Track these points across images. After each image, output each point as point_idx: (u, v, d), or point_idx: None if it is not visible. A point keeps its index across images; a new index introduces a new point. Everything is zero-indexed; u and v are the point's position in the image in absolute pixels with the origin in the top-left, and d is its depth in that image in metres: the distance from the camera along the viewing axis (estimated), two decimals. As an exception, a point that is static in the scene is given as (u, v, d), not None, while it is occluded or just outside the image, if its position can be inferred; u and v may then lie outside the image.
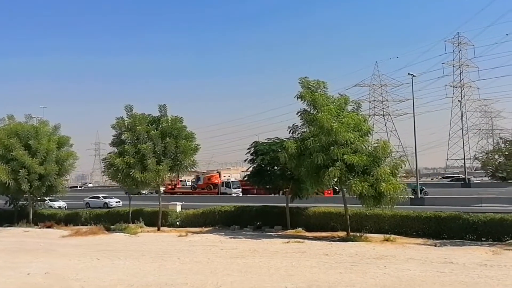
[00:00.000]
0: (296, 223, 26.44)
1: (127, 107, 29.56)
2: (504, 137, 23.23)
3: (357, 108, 24.50)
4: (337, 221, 25.05)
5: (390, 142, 25.36)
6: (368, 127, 24.09)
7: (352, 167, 21.89)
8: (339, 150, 21.71)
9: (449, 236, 22.18)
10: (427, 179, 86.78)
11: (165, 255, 19.38)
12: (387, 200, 21.67)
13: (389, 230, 23.55)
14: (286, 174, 25.77)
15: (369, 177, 21.68)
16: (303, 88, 23.60)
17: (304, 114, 23.56)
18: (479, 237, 21.56)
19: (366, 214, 24.30)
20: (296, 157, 23.14)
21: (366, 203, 21.98)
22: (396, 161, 23.40)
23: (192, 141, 28.85)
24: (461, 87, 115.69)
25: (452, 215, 22.91)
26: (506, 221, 21.39)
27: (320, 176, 22.32)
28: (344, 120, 22.42)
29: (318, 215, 26.26)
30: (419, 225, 23.37)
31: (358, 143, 22.31)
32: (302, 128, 24.43)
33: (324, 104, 22.80)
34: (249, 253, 19.23)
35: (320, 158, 21.77)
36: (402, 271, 14.99)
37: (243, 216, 28.45)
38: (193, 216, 30.44)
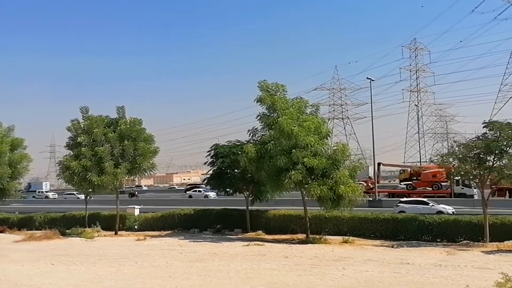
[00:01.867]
0: (257, 226, 26.41)
1: (83, 109, 28.78)
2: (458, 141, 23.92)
3: (315, 111, 24.68)
4: (297, 224, 25.16)
5: (349, 145, 25.69)
6: (327, 130, 24.35)
7: (312, 170, 22.02)
8: (300, 153, 21.78)
9: (406, 237, 22.67)
10: (384, 182, 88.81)
11: (122, 260, 18.93)
12: (346, 202, 21.94)
13: (348, 232, 23.86)
14: (247, 177, 25.71)
15: (328, 180, 21.86)
16: (262, 92, 23.61)
17: (264, 118, 23.57)
18: (434, 238, 22.16)
19: (325, 216, 24.51)
20: (256, 161, 23.12)
21: (324, 205, 22.20)
22: (354, 164, 23.70)
23: (151, 143, 28.35)
24: (418, 92, 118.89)
25: (408, 217, 23.48)
26: (460, 223, 22.10)
27: (280, 179, 22.33)
28: (304, 124, 22.54)
29: (278, 217, 26.32)
30: (377, 227, 23.80)
31: (317, 146, 22.47)
32: (262, 131, 24.43)
33: (283, 107, 22.86)
34: (208, 257, 19.02)
35: (281, 161, 21.79)
36: (360, 272, 15.17)
37: (203, 219, 28.16)
38: (152, 220, 29.91)
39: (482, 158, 21.59)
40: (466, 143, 22.95)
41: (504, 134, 21.04)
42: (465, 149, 22.21)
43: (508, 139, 20.92)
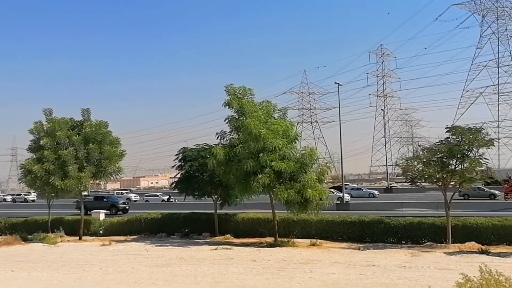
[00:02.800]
0: (225, 229, 26.29)
1: (46, 111, 28.03)
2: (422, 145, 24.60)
3: (283, 115, 24.81)
4: (266, 227, 25.20)
5: (317, 149, 25.91)
6: (295, 134, 24.49)
7: (280, 174, 22.10)
8: (268, 156, 21.83)
9: (372, 239, 23.02)
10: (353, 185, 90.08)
11: (86, 266, 18.50)
12: (313, 206, 22.09)
13: (315, 235, 24.03)
14: (215, 180, 25.56)
15: (296, 184, 21.98)
16: (230, 96, 23.57)
17: (232, 121, 23.54)
18: (399, 240, 22.55)
19: (293, 219, 24.62)
20: (225, 164, 23.04)
21: (292, 209, 22.30)
22: (322, 168, 23.92)
23: (118, 147, 27.84)
24: (384, 97, 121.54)
25: (374, 220, 23.83)
26: (424, 225, 22.56)
27: (248, 183, 22.32)
28: (273, 127, 22.61)
29: (246, 221, 26.28)
30: (344, 230, 24.06)
31: (286, 149, 22.55)
32: (231, 134, 24.38)
33: (251, 110, 22.89)
34: (175, 261, 18.81)
35: (249, 164, 21.78)
36: (327, 275, 15.30)
37: (170, 224, 27.83)
38: (118, 224, 29.39)
39: (445, 162, 22.14)
40: (430, 147, 23.54)
41: (465, 139, 21.64)
42: (429, 153, 22.75)
43: (469, 143, 21.53)
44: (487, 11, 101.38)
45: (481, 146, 21.75)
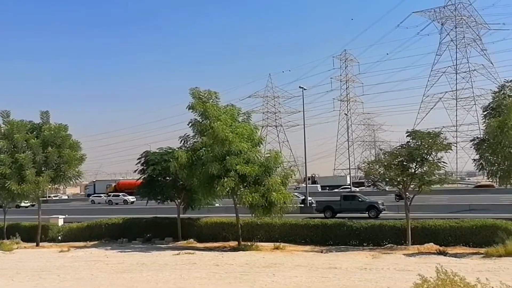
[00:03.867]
0: (188, 234, 26.01)
1: (3, 113, 27.13)
2: (384, 149, 25.05)
3: (247, 118, 24.80)
4: (229, 231, 25.09)
5: (282, 153, 26.02)
6: (260, 137, 24.53)
7: (244, 177, 22.04)
8: (233, 160, 21.75)
9: (335, 242, 23.26)
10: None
11: (43, 273, 17.92)
12: (277, 209, 22.15)
13: (279, 238, 24.10)
14: (178, 184, 25.33)
15: (260, 187, 21.98)
16: (194, 99, 23.40)
17: (196, 124, 23.36)
18: (361, 242, 22.89)
19: (257, 223, 24.62)
20: (188, 167, 22.82)
21: (256, 212, 22.30)
22: (286, 171, 24.02)
23: (78, 150, 27.13)
24: (347, 101, 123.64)
25: (337, 223, 24.11)
26: (385, 227, 23.00)
27: (212, 187, 22.18)
28: (237, 131, 22.57)
29: (210, 225, 26.10)
30: (307, 233, 24.23)
31: (250, 153, 22.54)
32: (194, 138, 24.20)
33: (216, 114, 22.78)
34: (136, 267, 18.45)
35: (214, 168, 21.64)
36: (289, 278, 15.33)
37: (132, 228, 27.34)
38: (77, 230, 28.68)
39: (405, 165, 22.64)
40: (391, 151, 24.02)
41: (425, 143, 22.20)
42: (390, 157, 23.22)
43: (429, 147, 22.10)
44: (446, 19, 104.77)
45: (440, 150, 22.38)
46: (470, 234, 21.24)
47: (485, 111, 21.71)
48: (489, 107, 21.26)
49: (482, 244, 19.94)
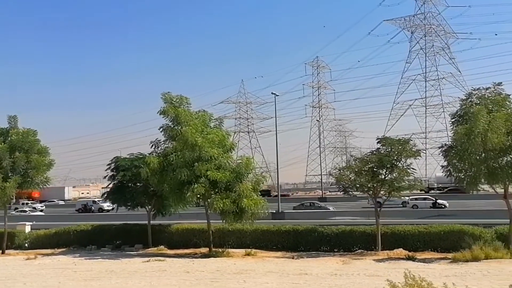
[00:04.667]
0: (159, 240, 25.67)
1: (-32, 117, 26.30)
2: (355, 155, 25.36)
3: (219, 124, 24.72)
4: (200, 238, 24.88)
5: (254, 159, 26.04)
6: (231, 143, 24.47)
7: (215, 183, 21.92)
8: (203, 166, 21.60)
9: (306, 248, 23.34)
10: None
11: (8, 281, 17.43)
12: (248, 215, 22.08)
13: (250, 244, 24.02)
14: (149, 190, 25.00)
15: (231, 193, 21.88)
16: (166, 104, 23.19)
17: (167, 130, 23.14)
18: (332, 248, 23.03)
19: (228, 229, 24.49)
20: (159, 173, 22.57)
21: (227, 219, 22.18)
22: (257, 177, 23.99)
23: (46, 156, 26.49)
24: (319, 108, 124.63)
25: (308, 228, 24.18)
26: (355, 233, 23.18)
27: (183, 193, 21.99)
28: (208, 136, 22.46)
29: (181, 232, 25.82)
30: (278, 239, 24.23)
31: (221, 159, 22.46)
32: (165, 143, 23.95)
33: (187, 119, 22.63)
34: (105, 274, 18.10)
35: (183, 174, 21.45)
36: (260, 284, 15.27)
37: (101, 235, 26.80)
38: (45, 237, 27.95)
39: (375, 171, 22.94)
40: (362, 157, 24.30)
41: (394, 149, 22.56)
42: (361, 163, 23.48)
43: (398, 154, 22.46)
44: (415, 27, 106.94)
45: (409, 157, 22.76)
46: (438, 239, 21.61)
47: (453, 118, 22.14)
48: (457, 114, 21.69)
49: (450, 249, 20.30)
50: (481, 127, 18.87)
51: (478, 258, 18.09)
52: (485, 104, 20.22)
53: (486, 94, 21.06)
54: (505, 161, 19.83)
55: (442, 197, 54.61)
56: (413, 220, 30.80)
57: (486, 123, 18.96)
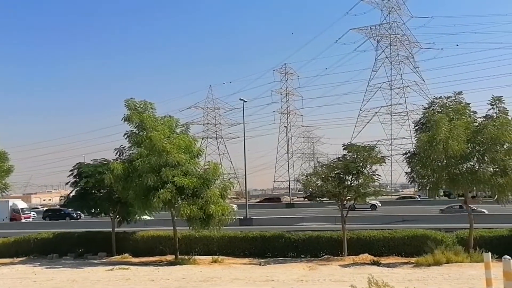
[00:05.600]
0: (123, 248, 25.17)
1: None
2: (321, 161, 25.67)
3: (186, 129, 24.51)
4: (166, 245, 24.50)
5: (222, 164, 25.94)
6: (198, 149, 24.29)
7: (182, 189, 21.69)
8: (170, 171, 21.34)
9: (273, 254, 23.34)
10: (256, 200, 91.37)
11: (-39, 294, 16.68)
12: (216, 222, 21.92)
13: (217, 251, 23.85)
14: (113, 197, 24.48)
15: (198, 200, 21.69)
16: (130, 110, 22.83)
17: (132, 136, 22.78)
18: (299, 254, 23.11)
19: (195, 236, 24.22)
20: (123, 179, 22.15)
21: (194, 225, 21.96)
22: (225, 183, 23.87)
23: (5, 161, 25.70)
24: (287, 114, 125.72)
25: (276, 234, 24.19)
26: (322, 238, 23.34)
27: (149, 199, 21.63)
28: (175, 142, 22.23)
29: (146, 239, 25.40)
30: (246, 245, 24.14)
31: (189, 165, 22.27)
32: (130, 150, 23.55)
33: (153, 125, 22.33)
34: (66, 284, 17.56)
35: (150, 179, 21.13)
36: (226, 292, 15.11)
37: (63, 243, 26.07)
38: (3, 246, 26.99)
39: (341, 177, 23.19)
40: (328, 163, 24.53)
41: (360, 156, 22.86)
42: (327, 169, 23.72)
43: (364, 160, 22.76)
44: (381, 36, 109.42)
45: (374, 163, 23.12)
46: (402, 244, 21.96)
47: (416, 126, 22.65)
48: (420, 122, 22.20)
49: (413, 254, 20.65)
50: (442, 135, 19.35)
51: (439, 262, 18.47)
52: (447, 113, 20.76)
53: (448, 103, 21.63)
54: (465, 167, 20.38)
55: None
56: (378, 225, 31.26)
57: (447, 130, 19.46)
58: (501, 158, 19.57)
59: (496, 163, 19.84)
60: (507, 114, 20.41)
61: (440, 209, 46.99)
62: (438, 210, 44.36)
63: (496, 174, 19.77)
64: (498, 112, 20.46)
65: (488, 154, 19.79)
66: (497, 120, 20.00)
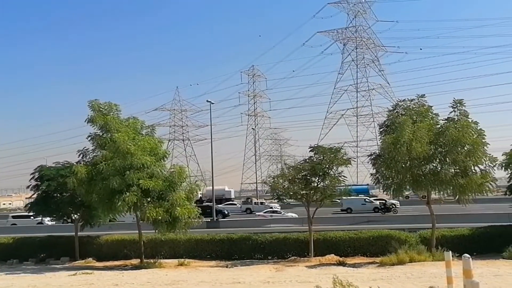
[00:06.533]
0: (87, 253, 24.70)
1: None
2: (288, 163, 25.76)
3: (151, 131, 24.19)
4: (131, 249, 24.16)
5: (189, 167, 25.76)
6: (164, 151, 24.02)
7: (147, 192, 21.41)
8: (135, 174, 21.00)
9: (240, 256, 23.31)
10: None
11: None
12: (182, 224, 21.74)
13: (184, 254, 23.64)
14: (76, 201, 23.98)
15: (164, 202, 21.45)
16: (94, 111, 22.38)
17: (96, 138, 22.34)
18: (266, 256, 23.18)
19: (161, 239, 23.98)
20: (87, 183, 21.68)
21: (160, 228, 21.70)
22: (191, 186, 23.70)
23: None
24: (255, 116, 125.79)
25: (243, 237, 24.18)
26: (289, 240, 23.47)
27: (114, 202, 21.22)
28: (140, 144, 21.90)
29: (111, 243, 24.98)
30: (213, 248, 24.06)
31: (154, 167, 21.98)
32: (94, 152, 23.06)
33: (117, 127, 21.94)
34: (26, 290, 17.00)
35: (114, 182, 20.73)
36: (192, 295, 14.95)
37: (24, 249, 25.37)
38: (-40, 252, 25.94)
39: (308, 179, 23.36)
40: (295, 165, 24.64)
41: (326, 158, 23.07)
42: (294, 171, 23.83)
43: (330, 162, 22.98)
44: (347, 40, 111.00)
45: (340, 165, 23.37)
46: (368, 244, 22.31)
47: (381, 128, 23.01)
48: (385, 124, 22.57)
49: (378, 254, 21.01)
50: (406, 137, 19.71)
51: (403, 261, 18.81)
52: (410, 115, 21.17)
53: (411, 106, 22.08)
54: (428, 169, 20.81)
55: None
56: (344, 226, 31.58)
57: (411, 133, 19.83)
58: (462, 160, 20.08)
59: (457, 164, 20.35)
60: (467, 116, 20.97)
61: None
62: (404, 210, 45.24)
63: (457, 175, 20.30)
64: (459, 114, 20.99)
65: (450, 155, 20.27)
66: (458, 122, 20.53)
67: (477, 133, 20.55)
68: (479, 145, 20.19)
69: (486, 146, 20.56)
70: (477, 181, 19.99)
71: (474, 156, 20.06)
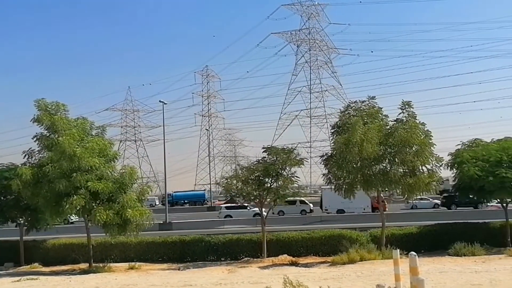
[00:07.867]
0: (32, 258, 23.76)
1: None
2: (241, 164, 25.87)
3: (101, 132, 23.53)
4: (80, 253, 23.37)
5: (141, 168, 25.33)
6: (114, 152, 23.44)
7: (96, 195, 20.78)
8: (83, 176, 20.32)
9: (193, 258, 23.09)
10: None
11: None
12: (133, 227, 21.24)
13: (135, 257, 23.19)
14: (21, 204, 22.96)
15: (114, 205, 20.90)
16: (40, 111, 21.51)
17: (42, 139, 21.48)
18: (219, 257, 23.04)
19: (111, 242, 23.36)
20: (32, 185, 20.81)
21: (110, 231, 21.10)
22: (142, 187, 23.27)
23: None
24: (209, 117, 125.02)
25: (195, 238, 23.94)
26: (242, 241, 23.45)
27: (61, 206, 20.46)
28: (88, 145, 21.24)
29: (58, 247, 24.16)
30: (164, 250, 23.70)
31: (103, 169, 21.39)
32: (40, 153, 22.18)
33: (65, 128, 21.19)
34: (-35, 300, 16.13)
35: (61, 185, 19.98)
36: (142, 300, 14.61)
37: (-38, 255, 24.03)
38: None
39: (261, 180, 23.37)
40: (248, 166, 24.63)
41: (279, 158, 23.18)
42: (247, 172, 23.79)
43: (283, 162, 23.09)
44: (301, 41, 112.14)
45: (293, 165, 23.51)
46: (320, 244, 22.58)
47: (333, 129, 23.39)
48: (336, 125, 22.95)
49: (330, 253, 21.31)
50: (357, 137, 20.10)
51: (354, 260, 19.16)
52: (361, 116, 21.62)
53: (362, 107, 22.58)
54: (378, 169, 21.33)
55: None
56: (297, 226, 31.94)
57: (362, 133, 20.23)
58: (410, 160, 20.70)
59: (405, 165, 20.97)
60: (415, 118, 21.66)
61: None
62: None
63: (405, 175, 20.94)
64: (407, 116, 21.64)
65: (399, 156, 20.87)
66: (407, 123, 21.16)
67: (425, 134, 21.28)
68: (426, 146, 20.90)
69: (433, 146, 21.31)
70: (424, 180, 20.67)
71: (422, 156, 20.73)
